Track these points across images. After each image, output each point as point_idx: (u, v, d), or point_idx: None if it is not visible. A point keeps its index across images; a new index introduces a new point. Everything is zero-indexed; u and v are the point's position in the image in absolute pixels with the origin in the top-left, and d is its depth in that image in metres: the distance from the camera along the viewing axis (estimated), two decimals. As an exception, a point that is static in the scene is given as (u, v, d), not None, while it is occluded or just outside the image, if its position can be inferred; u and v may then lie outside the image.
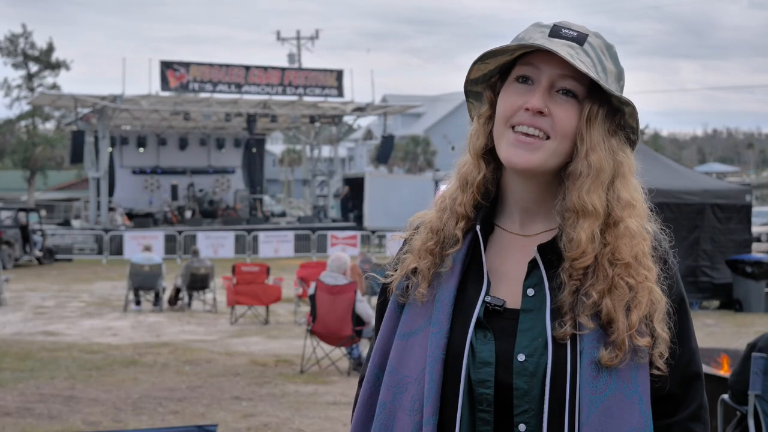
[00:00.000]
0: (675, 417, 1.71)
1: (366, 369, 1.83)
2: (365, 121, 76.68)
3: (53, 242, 30.49)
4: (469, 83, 1.78)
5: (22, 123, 49.41)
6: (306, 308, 13.98)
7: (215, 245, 30.29)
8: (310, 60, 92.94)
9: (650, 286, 1.67)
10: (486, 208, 1.77)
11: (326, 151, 47.91)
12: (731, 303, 17.21)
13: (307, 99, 35.00)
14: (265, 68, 34.44)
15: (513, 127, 1.69)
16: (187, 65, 33.21)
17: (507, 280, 1.73)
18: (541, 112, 1.66)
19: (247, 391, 9.71)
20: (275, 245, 31.54)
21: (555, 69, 1.67)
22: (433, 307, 1.74)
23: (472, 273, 1.75)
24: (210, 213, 35.70)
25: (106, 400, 9.15)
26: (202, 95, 33.59)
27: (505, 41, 1.75)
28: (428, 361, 1.69)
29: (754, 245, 24.49)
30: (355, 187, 37.66)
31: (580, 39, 1.68)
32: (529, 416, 1.64)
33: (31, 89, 46.66)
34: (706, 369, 6.67)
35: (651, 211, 1.78)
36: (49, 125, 51.55)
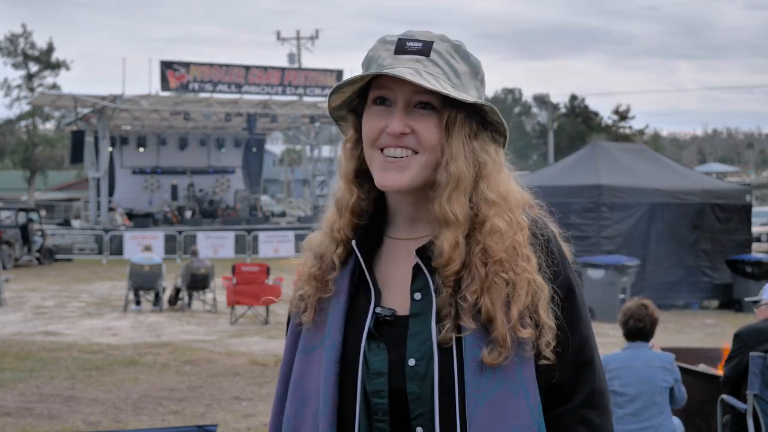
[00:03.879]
0: (566, 405, 1.71)
1: None
2: (365, 121, 76.58)
3: (53, 242, 30.49)
4: (333, 111, 1.81)
5: (22, 123, 49.39)
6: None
7: (215, 245, 30.29)
8: (310, 60, 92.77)
9: (529, 277, 1.67)
10: (365, 225, 1.78)
11: (326, 151, 47.89)
12: (731, 303, 17.21)
13: (307, 99, 35.03)
14: (265, 68, 34.46)
15: (381, 150, 1.70)
16: (187, 65, 33.22)
17: (397, 287, 1.75)
18: (403, 134, 1.68)
19: (247, 391, 9.71)
20: (275, 245, 31.54)
21: (407, 87, 1.68)
22: (326, 323, 1.76)
23: (362, 286, 1.77)
24: (210, 213, 35.72)
25: (106, 400, 9.16)
26: (202, 95, 33.62)
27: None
28: (322, 375, 1.72)
29: (754, 245, 24.52)
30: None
31: (425, 50, 1.69)
32: (425, 419, 1.65)
33: (31, 89, 46.65)
34: (705, 369, 6.66)
35: (541, 205, 1.79)
36: (49, 125, 51.59)
